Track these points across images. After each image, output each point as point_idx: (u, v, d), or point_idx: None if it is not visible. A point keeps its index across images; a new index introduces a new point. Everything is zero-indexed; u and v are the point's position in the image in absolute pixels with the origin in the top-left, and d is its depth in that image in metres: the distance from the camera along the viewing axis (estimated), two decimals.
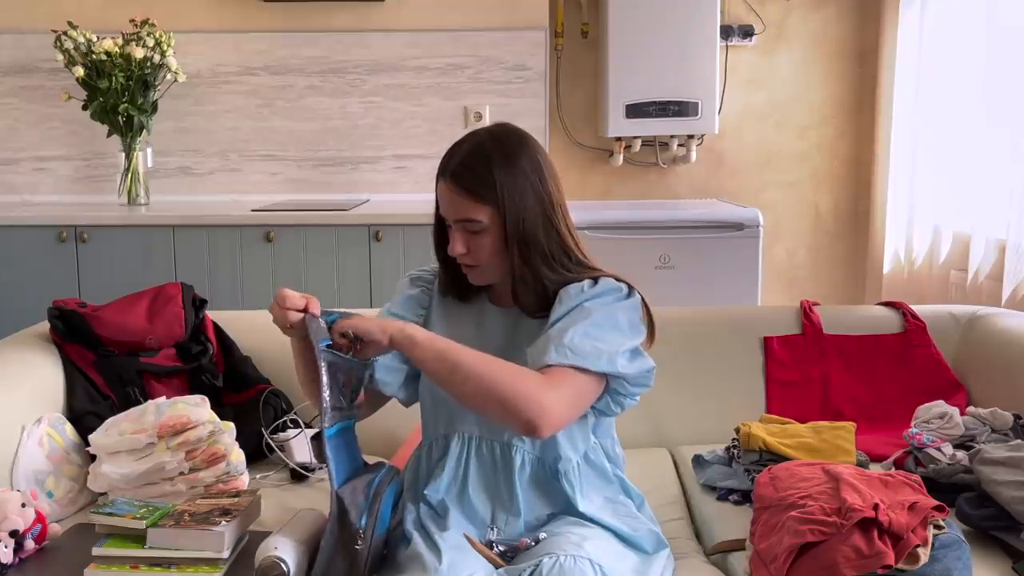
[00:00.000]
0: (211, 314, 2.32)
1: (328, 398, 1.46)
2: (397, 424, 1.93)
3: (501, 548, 1.52)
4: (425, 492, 1.63)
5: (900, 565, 1.42)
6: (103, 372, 2.13)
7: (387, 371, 1.66)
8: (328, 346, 1.48)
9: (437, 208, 1.63)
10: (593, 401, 1.57)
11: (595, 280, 1.60)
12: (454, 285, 1.70)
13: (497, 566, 1.45)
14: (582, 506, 1.58)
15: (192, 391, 2.17)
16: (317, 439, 1.48)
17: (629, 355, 1.55)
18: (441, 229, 1.65)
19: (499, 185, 1.54)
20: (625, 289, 1.61)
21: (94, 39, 3.60)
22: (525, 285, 1.59)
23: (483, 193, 1.54)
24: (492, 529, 1.56)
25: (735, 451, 2.00)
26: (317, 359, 1.45)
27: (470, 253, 1.59)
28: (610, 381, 1.56)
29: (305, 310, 1.49)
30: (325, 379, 1.45)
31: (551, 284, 1.59)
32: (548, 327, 1.55)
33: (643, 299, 1.62)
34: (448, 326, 1.69)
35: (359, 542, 1.43)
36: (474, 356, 1.48)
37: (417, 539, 1.53)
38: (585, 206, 3.67)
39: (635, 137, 3.98)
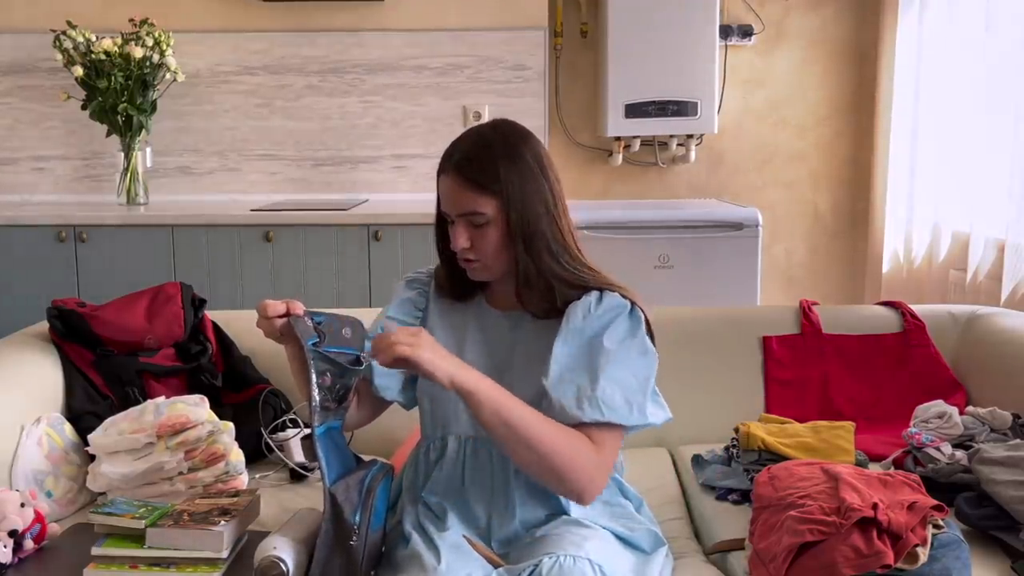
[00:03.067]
0: (210, 314, 2.32)
1: (317, 396, 1.46)
2: (396, 424, 1.93)
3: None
4: (422, 493, 1.63)
5: (899, 565, 1.42)
6: (102, 372, 2.13)
7: (385, 376, 1.66)
8: (315, 344, 1.48)
9: (439, 205, 1.63)
10: None
11: (600, 293, 1.59)
12: (452, 284, 1.69)
13: (496, 565, 1.45)
14: (574, 511, 1.58)
15: (191, 391, 2.17)
16: (308, 439, 1.48)
17: (652, 403, 1.56)
18: (443, 227, 1.65)
19: (503, 176, 1.54)
20: (628, 305, 1.59)
21: (93, 39, 3.60)
22: (529, 282, 1.59)
23: (487, 184, 1.54)
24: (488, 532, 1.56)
25: (734, 451, 2.00)
26: (307, 358, 1.45)
27: (473, 248, 1.58)
28: None
29: (287, 313, 1.49)
30: (314, 378, 1.45)
31: (557, 282, 1.58)
32: (565, 334, 1.55)
33: (644, 314, 1.60)
34: (446, 327, 1.68)
35: (354, 537, 1.43)
36: (530, 419, 1.47)
37: (416, 539, 1.53)
38: (584, 206, 3.67)
39: (634, 137, 3.98)
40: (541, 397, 1.54)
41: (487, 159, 1.55)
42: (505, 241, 1.57)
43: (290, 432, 2.11)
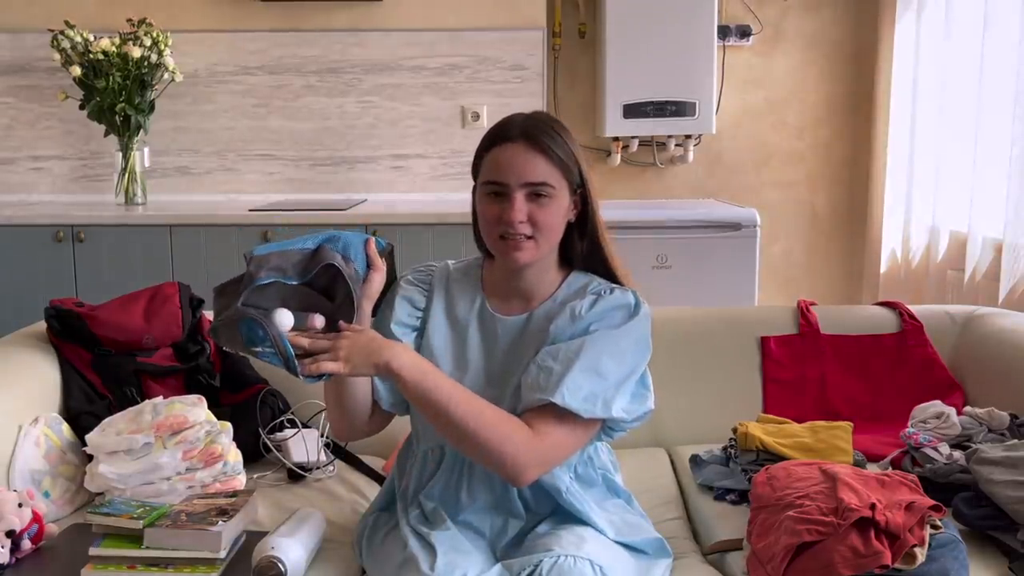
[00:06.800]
0: (208, 314, 2.32)
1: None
2: (396, 424, 1.92)
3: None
4: (420, 497, 1.62)
5: (897, 565, 1.42)
6: (100, 372, 2.12)
7: (380, 387, 1.63)
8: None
9: (474, 193, 1.59)
10: (586, 442, 1.56)
11: (603, 293, 1.57)
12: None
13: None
14: (595, 519, 1.56)
15: (189, 391, 2.17)
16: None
17: (629, 397, 1.52)
18: (479, 212, 1.59)
19: (574, 153, 1.55)
20: (632, 303, 1.57)
21: (91, 38, 3.60)
22: (572, 264, 1.63)
23: (560, 156, 1.52)
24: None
25: (732, 451, 2.00)
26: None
27: (531, 221, 1.51)
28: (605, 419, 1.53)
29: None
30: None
31: (596, 272, 1.63)
32: (549, 341, 1.54)
33: (648, 311, 1.58)
34: (448, 328, 1.65)
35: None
36: (460, 403, 1.45)
37: (412, 540, 1.52)
38: None
39: (632, 137, 3.98)
40: None
41: (559, 136, 1.53)
42: (562, 221, 1.56)
43: (288, 432, 2.10)
